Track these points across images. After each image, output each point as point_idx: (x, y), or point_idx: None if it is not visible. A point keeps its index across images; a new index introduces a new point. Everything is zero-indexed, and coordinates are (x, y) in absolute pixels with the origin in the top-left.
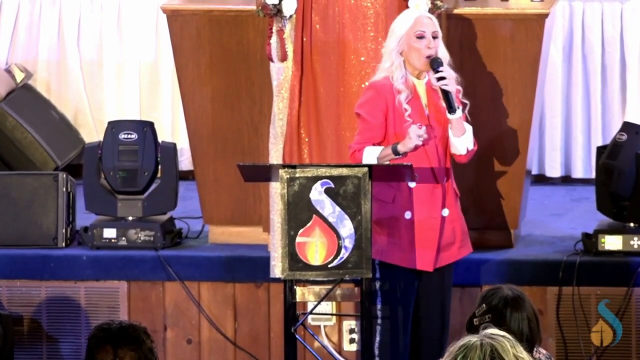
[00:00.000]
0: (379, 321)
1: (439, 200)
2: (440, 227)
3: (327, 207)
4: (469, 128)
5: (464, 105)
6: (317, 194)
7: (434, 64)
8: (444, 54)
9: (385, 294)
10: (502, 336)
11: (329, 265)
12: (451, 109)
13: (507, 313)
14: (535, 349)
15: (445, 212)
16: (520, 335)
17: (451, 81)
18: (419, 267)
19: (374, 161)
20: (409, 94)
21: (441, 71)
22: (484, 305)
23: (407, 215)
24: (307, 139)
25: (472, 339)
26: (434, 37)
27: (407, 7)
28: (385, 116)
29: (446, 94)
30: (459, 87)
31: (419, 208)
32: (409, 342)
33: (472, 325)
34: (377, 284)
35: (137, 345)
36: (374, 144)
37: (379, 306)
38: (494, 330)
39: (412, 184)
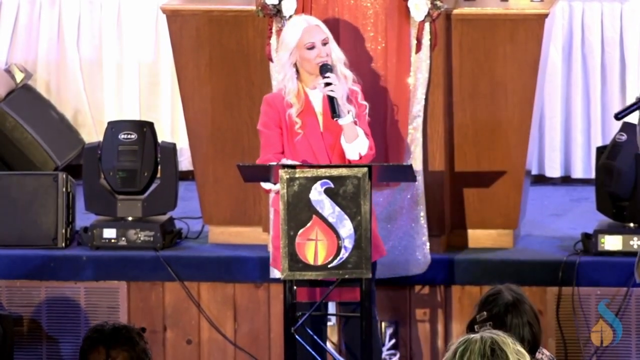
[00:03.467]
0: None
1: None
2: None
3: (327, 207)
4: (361, 133)
5: (363, 107)
6: (317, 194)
7: (322, 70)
8: (338, 56)
9: None
10: (502, 333)
11: (329, 266)
12: (334, 114)
13: (508, 321)
14: (538, 350)
15: None
16: (521, 342)
17: (339, 87)
18: None
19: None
20: (299, 107)
21: (328, 77)
22: (484, 312)
23: None
24: None
25: (472, 335)
26: (324, 44)
27: (406, 7)
28: (280, 128)
29: (331, 100)
30: (356, 88)
31: None
32: None
33: (473, 332)
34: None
35: (130, 346)
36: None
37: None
38: (493, 330)
39: None
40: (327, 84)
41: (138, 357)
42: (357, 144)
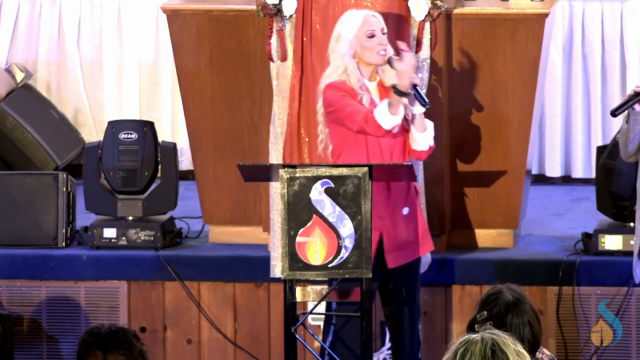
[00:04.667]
0: (334, 320)
1: (399, 199)
2: (402, 225)
3: (327, 207)
4: (430, 124)
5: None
6: (317, 194)
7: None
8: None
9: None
10: (503, 333)
11: (329, 265)
12: (424, 102)
13: (508, 320)
14: (538, 349)
15: (406, 211)
16: (522, 341)
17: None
18: (390, 265)
19: (385, 110)
20: (368, 97)
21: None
22: (484, 312)
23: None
24: (307, 139)
25: (473, 335)
26: (383, 34)
27: (406, 7)
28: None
29: (416, 89)
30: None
31: (378, 206)
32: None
33: (473, 331)
34: None
35: (127, 349)
36: None
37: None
38: (494, 330)
39: None
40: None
41: (135, 359)
42: (427, 135)
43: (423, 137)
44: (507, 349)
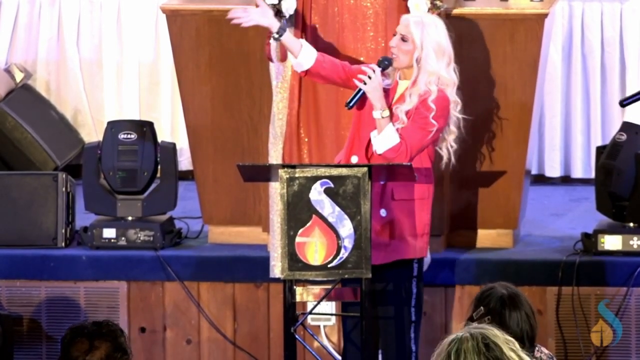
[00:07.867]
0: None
1: (375, 200)
2: (374, 226)
3: (327, 207)
4: (387, 133)
5: (426, 109)
6: (317, 194)
7: (379, 62)
8: (426, 67)
9: None
10: (486, 325)
11: (329, 265)
12: (347, 103)
13: (506, 313)
14: (537, 348)
15: (383, 213)
16: (521, 334)
17: (372, 82)
18: None
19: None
20: (390, 83)
21: (372, 69)
22: (481, 308)
23: None
24: (306, 139)
25: (459, 333)
26: (403, 40)
27: (406, 7)
28: None
29: (358, 90)
30: (433, 89)
31: None
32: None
33: None
34: None
35: (113, 337)
36: None
37: None
38: (478, 325)
39: None
40: (368, 77)
41: (120, 348)
42: (377, 140)
43: (374, 140)
44: (497, 340)
